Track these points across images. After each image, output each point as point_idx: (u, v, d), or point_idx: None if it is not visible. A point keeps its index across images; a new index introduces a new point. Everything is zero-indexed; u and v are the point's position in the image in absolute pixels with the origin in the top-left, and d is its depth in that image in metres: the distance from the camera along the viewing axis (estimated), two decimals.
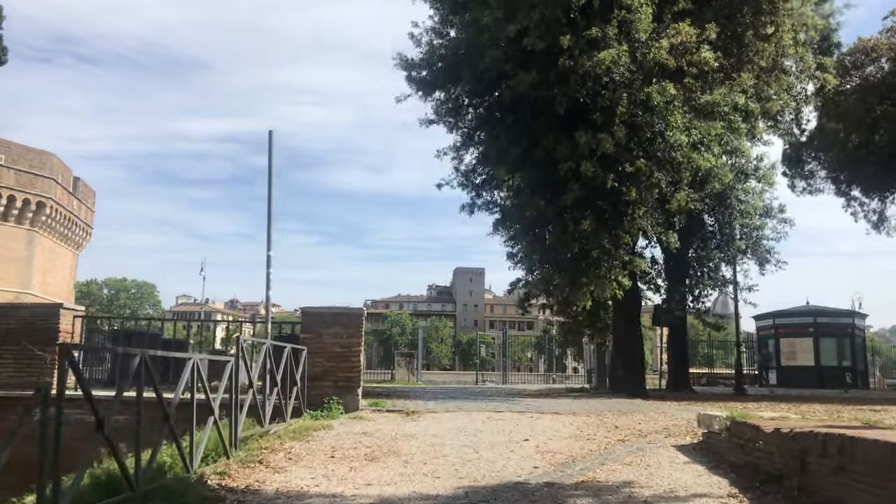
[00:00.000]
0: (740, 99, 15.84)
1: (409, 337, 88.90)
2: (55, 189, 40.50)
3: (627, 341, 18.61)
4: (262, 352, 9.50)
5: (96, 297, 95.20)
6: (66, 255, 44.67)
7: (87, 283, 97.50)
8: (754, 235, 21.77)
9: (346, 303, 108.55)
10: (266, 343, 10.41)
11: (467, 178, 18.60)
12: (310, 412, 11.19)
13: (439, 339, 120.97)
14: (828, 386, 31.28)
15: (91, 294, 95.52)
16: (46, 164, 39.94)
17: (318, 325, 11.68)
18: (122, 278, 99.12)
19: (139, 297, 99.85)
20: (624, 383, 18.40)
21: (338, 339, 11.67)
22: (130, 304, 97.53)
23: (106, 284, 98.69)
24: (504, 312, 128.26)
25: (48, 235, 41.33)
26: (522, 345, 79.71)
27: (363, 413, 11.41)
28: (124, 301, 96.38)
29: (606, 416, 11.66)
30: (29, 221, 39.46)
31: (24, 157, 39.11)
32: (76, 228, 44.60)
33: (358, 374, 11.71)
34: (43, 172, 39.63)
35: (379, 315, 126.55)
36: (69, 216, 42.96)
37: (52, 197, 40.12)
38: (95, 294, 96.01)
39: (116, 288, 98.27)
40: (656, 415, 12.11)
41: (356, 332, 11.75)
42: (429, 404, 13.05)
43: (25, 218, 39.23)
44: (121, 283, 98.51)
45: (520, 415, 11.65)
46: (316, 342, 11.65)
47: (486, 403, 13.91)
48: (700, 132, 15.73)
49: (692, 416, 11.84)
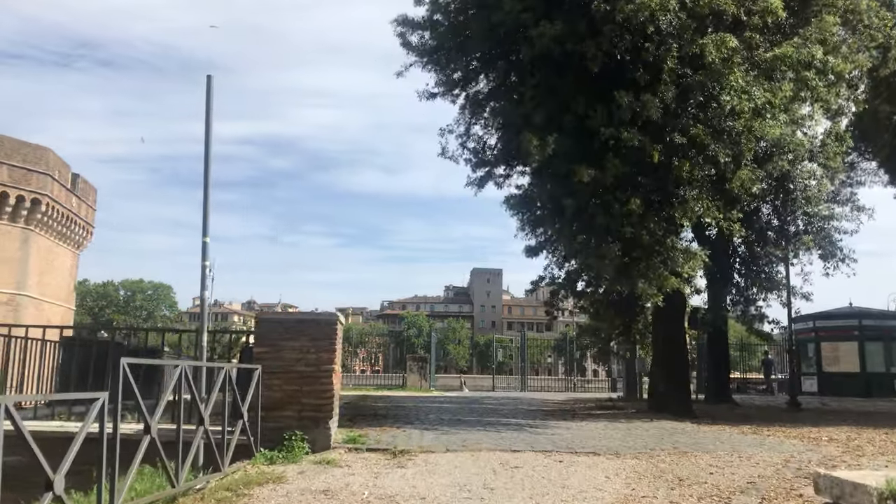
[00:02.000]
0: (817, 51, 12.53)
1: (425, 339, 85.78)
2: (51, 185, 37.98)
3: (670, 352, 15.34)
4: (175, 374, 6.51)
5: (112, 298, 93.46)
6: (66, 255, 42.18)
7: (104, 284, 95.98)
8: (824, 227, 18.02)
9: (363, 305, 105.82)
10: (200, 364, 7.46)
11: (476, 155, 15.43)
12: (264, 452, 8.18)
13: (456, 340, 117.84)
14: (874, 395, 28.15)
15: (108, 295, 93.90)
16: (42, 159, 37.41)
17: (276, 336, 8.65)
18: (138, 279, 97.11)
19: (155, 298, 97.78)
20: (666, 400, 15.17)
21: (303, 355, 8.63)
22: (147, 305, 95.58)
23: (122, 286, 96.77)
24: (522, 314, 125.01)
25: (45, 234, 38.83)
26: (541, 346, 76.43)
27: (334, 454, 8.34)
28: (140, 302, 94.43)
29: (661, 459, 8.48)
30: (23, 219, 36.95)
31: (19, 152, 36.62)
32: (75, 227, 42.09)
33: (330, 401, 8.65)
34: (38, 168, 37.11)
35: (396, 316, 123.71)
36: (67, 214, 40.44)
37: (48, 194, 37.59)
38: (112, 295, 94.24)
39: (133, 289, 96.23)
40: (726, 455, 8.89)
41: (329, 346, 8.70)
42: (426, 437, 9.93)
43: (20, 216, 36.73)
44: (137, 285, 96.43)
45: (545, 456, 8.51)
46: (274, 359, 8.62)
47: (500, 434, 10.77)
48: (765, 95, 12.48)
49: (775, 457, 8.62)
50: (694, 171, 12.57)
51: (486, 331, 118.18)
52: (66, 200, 40.10)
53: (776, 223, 18.04)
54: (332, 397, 8.63)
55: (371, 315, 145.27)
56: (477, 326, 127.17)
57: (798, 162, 14.41)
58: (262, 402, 8.43)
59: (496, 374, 45.65)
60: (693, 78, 12.58)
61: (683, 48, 12.28)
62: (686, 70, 12.76)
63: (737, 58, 12.45)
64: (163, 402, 6.20)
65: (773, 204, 17.57)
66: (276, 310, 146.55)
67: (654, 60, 12.32)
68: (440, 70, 15.46)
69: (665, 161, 12.63)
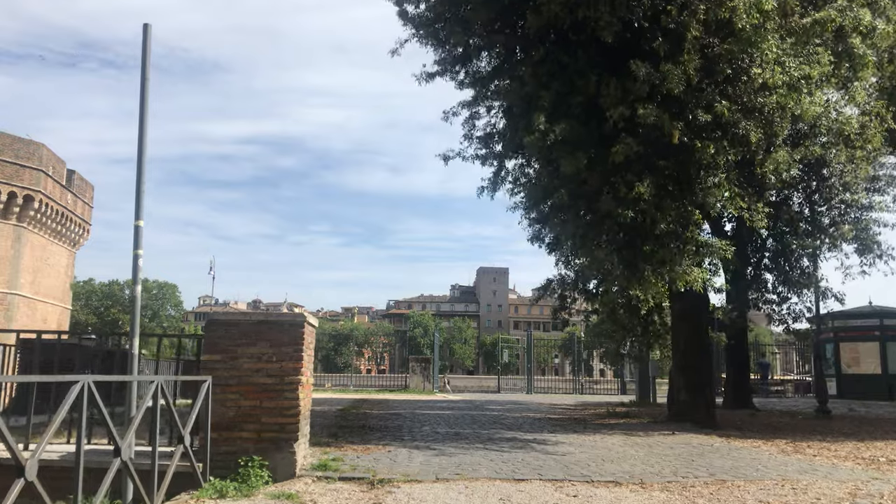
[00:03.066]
0: (864, 15, 10.89)
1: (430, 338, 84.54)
2: (45, 181, 36.64)
3: (693, 356, 13.72)
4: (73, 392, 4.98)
5: (118, 297, 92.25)
6: (61, 254, 40.86)
7: (110, 283, 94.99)
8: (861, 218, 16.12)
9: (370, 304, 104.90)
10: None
11: (485, 145, 13.82)
12: (214, 482, 6.65)
13: (462, 339, 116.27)
14: None
15: (113, 294, 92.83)
16: (35, 154, 36.07)
17: (230, 341, 7.12)
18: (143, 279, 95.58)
19: (161, 297, 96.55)
20: (688, 409, 13.55)
21: (263, 365, 7.10)
22: (152, 304, 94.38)
23: (128, 285, 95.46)
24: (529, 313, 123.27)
25: (38, 232, 37.52)
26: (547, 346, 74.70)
27: (299, 485, 6.80)
28: (146, 302, 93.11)
29: (698, 492, 6.88)
30: (15, 217, 35.63)
31: (10, 148, 35.29)
32: (71, 225, 40.75)
33: (296, 419, 7.10)
34: (31, 163, 35.78)
35: (402, 315, 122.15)
36: (62, 211, 39.10)
37: (41, 190, 36.25)
38: (117, 295, 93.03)
39: None
40: (775, 485, 7.28)
41: (295, 353, 7.17)
42: (414, 460, 8.36)
43: (11, 213, 35.42)
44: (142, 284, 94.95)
45: (555, 488, 6.94)
46: (228, 368, 7.10)
47: (503, 455, 9.20)
48: (801, 68, 10.87)
49: (836, 489, 7.01)
50: (719, 153, 10.97)
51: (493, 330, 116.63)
52: (60, 197, 38.78)
53: (807, 213, 16.27)
54: (297, 415, 7.10)
55: (377, 314, 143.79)
56: (483, 326, 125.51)
57: (835, 145, 12.73)
58: (214, 420, 6.92)
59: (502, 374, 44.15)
60: (720, 47, 10.98)
61: (710, 13, 10.69)
62: (712, 39, 11.16)
63: (770, 24, 10.84)
64: (53, 425, 4.67)
65: (805, 192, 15.84)
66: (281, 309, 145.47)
67: (675, 27, 10.72)
68: (439, 45, 13.85)
69: (686, 142, 11.04)
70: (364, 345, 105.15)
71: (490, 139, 13.72)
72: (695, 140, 10.87)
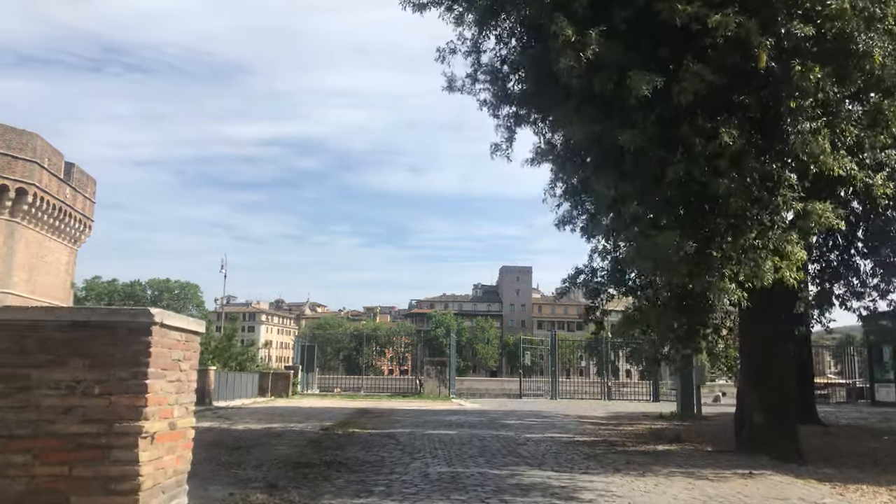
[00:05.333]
0: None
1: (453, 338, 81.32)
2: (39, 174, 34.21)
3: (772, 366, 10.20)
4: None
5: (140, 298, 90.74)
6: (61, 251, 38.42)
7: (132, 283, 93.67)
8: None
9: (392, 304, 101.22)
10: None
11: (495, 80, 10.30)
12: None
13: (485, 339, 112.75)
14: None
15: (135, 295, 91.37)
16: (28, 145, 33.65)
17: (19, 358, 3.95)
18: (165, 279, 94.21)
19: (183, 297, 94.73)
20: (765, 436, 10.03)
21: (78, 400, 3.89)
22: (174, 305, 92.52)
23: (150, 285, 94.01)
24: (553, 312, 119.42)
25: (34, 227, 35.10)
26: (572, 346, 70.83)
27: None
28: (167, 302, 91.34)
29: None
30: (8, 211, 33.25)
31: (2, 138, 32.92)
32: (70, 220, 38.31)
33: (134, 497, 3.89)
34: (23, 155, 33.36)
35: (424, 315, 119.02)
36: (60, 206, 36.66)
37: (35, 183, 33.83)
38: (139, 295, 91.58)
39: (160, 289, 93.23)
40: None
41: (133, 380, 3.95)
42: None
43: (3, 207, 33.03)
44: (164, 284, 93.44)
45: None
46: (13, 407, 3.91)
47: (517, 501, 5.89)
48: None
49: None
50: (824, 80, 7.55)
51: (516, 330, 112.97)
52: (58, 191, 36.33)
53: None
54: (137, 490, 3.88)
55: (399, 314, 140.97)
56: (506, 326, 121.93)
57: None
58: None
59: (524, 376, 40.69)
60: None
61: None
62: None
63: None
64: None
65: None
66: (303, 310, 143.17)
67: None
68: None
69: (776, 68, 7.65)
70: (386, 345, 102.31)
71: (499, 76, 10.30)
72: (791, 62, 7.46)
